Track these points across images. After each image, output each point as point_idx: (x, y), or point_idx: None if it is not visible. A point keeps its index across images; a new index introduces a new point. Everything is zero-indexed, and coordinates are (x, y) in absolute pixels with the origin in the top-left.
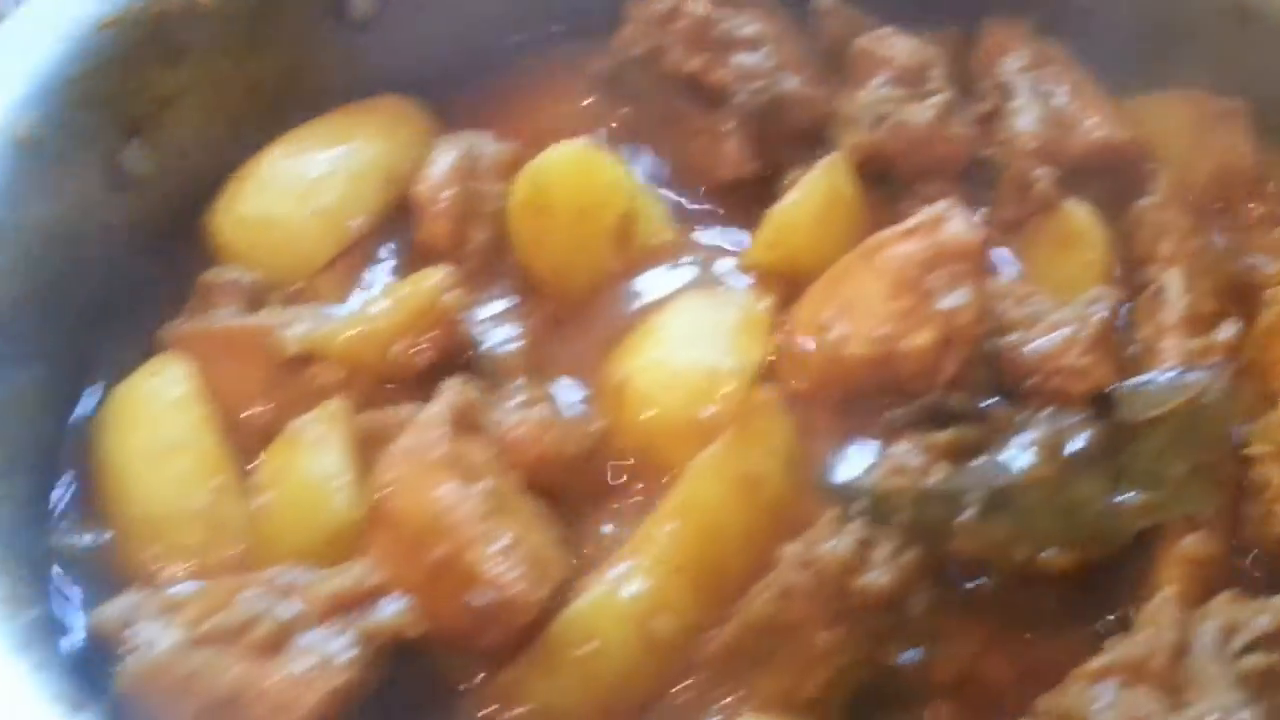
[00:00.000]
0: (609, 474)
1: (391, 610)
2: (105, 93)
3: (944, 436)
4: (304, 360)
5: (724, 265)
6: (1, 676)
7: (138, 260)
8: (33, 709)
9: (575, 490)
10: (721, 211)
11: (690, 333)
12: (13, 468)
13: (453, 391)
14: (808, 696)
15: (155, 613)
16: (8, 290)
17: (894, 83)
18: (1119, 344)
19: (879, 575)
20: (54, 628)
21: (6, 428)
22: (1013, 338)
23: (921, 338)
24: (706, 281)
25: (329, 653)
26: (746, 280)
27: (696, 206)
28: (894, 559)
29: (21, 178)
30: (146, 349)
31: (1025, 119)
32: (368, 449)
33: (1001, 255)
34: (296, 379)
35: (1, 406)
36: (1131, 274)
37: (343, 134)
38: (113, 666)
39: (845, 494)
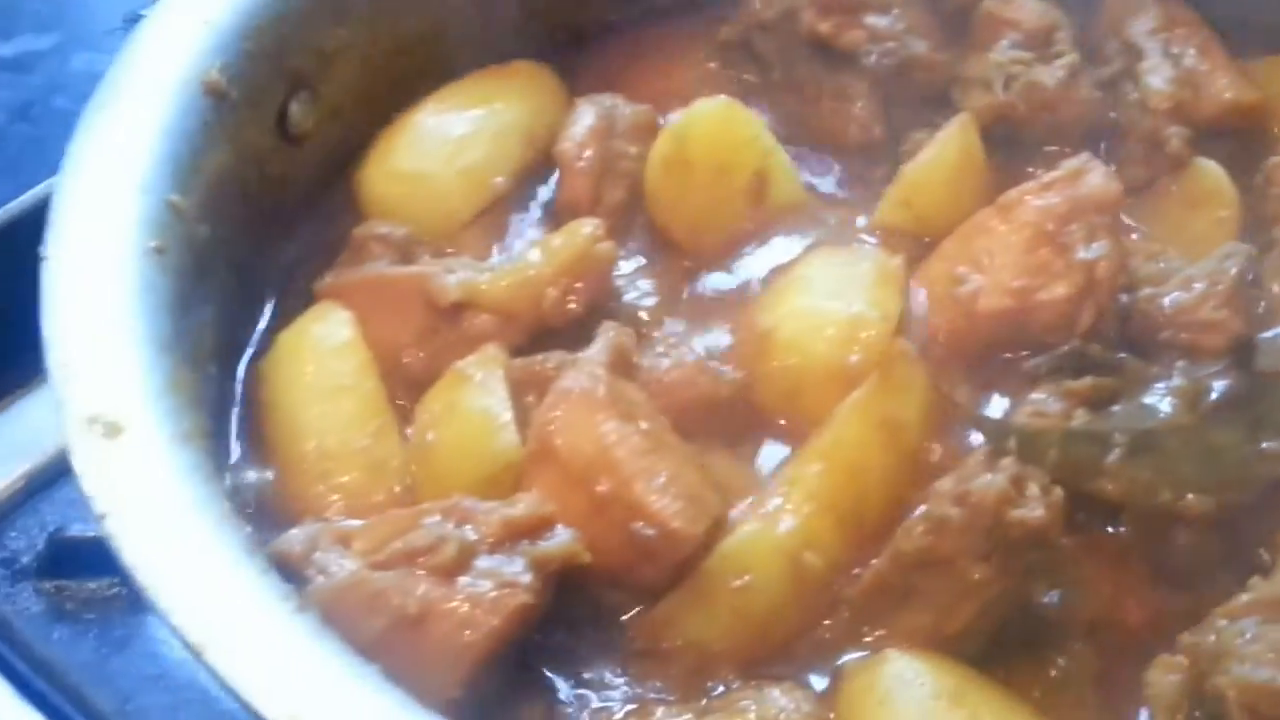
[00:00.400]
0: (752, 419)
1: (562, 538)
2: (277, 46)
3: (1082, 384)
4: (459, 308)
5: (851, 225)
6: (236, 577)
7: (295, 212)
8: (262, 606)
9: (722, 434)
10: (847, 172)
11: (831, 284)
12: (203, 402)
13: (611, 333)
14: (951, 632)
15: (331, 542)
16: (194, 233)
17: (1021, 45)
18: (1251, 299)
19: (1034, 509)
20: None
21: (199, 364)
22: (1145, 292)
23: (1060, 289)
24: (835, 240)
25: (510, 574)
26: (872, 239)
27: (822, 170)
28: (1046, 495)
29: (207, 124)
30: (304, 299)
31: (1157, 79)
32: (520, 393)
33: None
34: (451, 327)
35: (195, 342)
36: (1261, 232)
37: (484, 96)
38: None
39: (996, 431)
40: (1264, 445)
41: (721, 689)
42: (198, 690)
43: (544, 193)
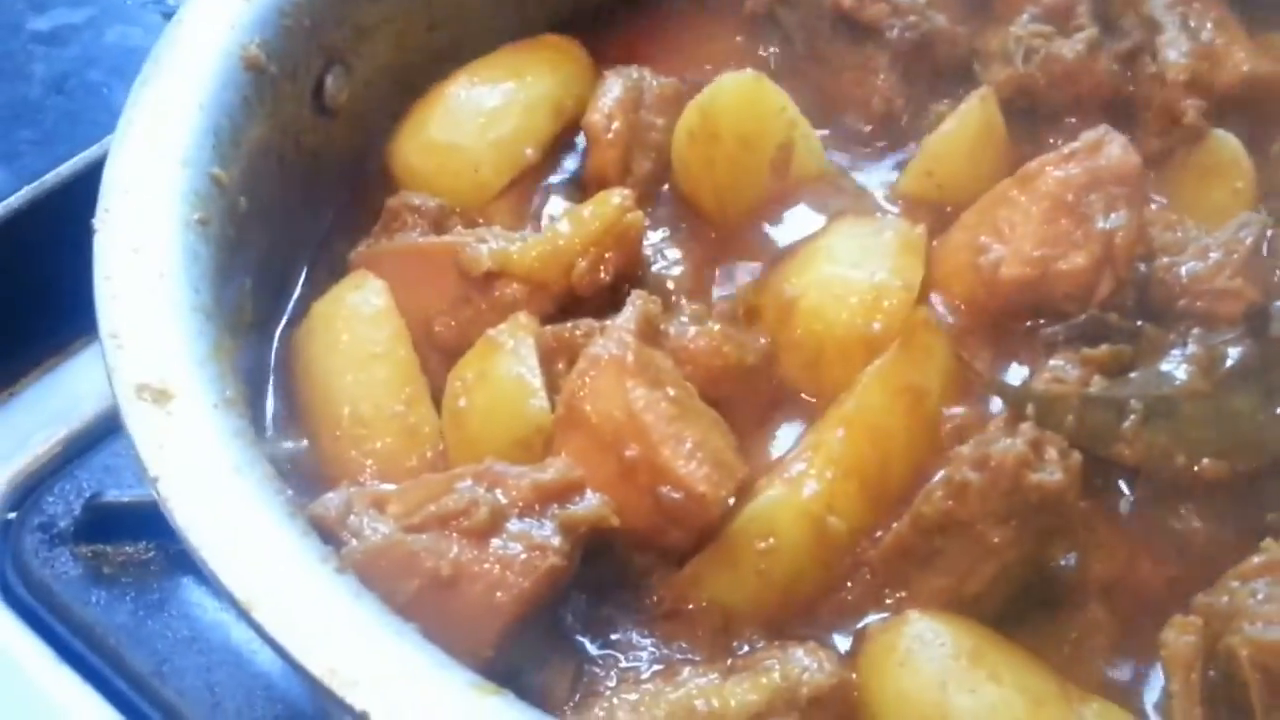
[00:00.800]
0: (777, 386)
1: (591, 502)
2: (313, 21)
3: (1100, 351)
4: (491, 278)
5: (874, 195)
6: (280, 541)
7: (329, 184)
8: (305, 567)
9: (744, 403)
10: (869, 144)
11: (854, 253)
12: (238, 373)
13: (640, 302)
14: (971, 594)
15: (366, 506)
16: (235, 205)
17: (1041, 19)
18: (1266, 268)
19: (1053, 473)
20: None
21: (240, 331)
22: (1163, 261)
23: (1079, 258)
24: (858, 210)
25: (540, 537)
26: (894, 209)
27: (845, 141)
28: (1064, 460)
29: (247, 98)
30: (339, 269)
31: (1175, 52)
32: (550, 361)
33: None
34: (483, 296)
35: (236, 310)
36: (1278, 202)
37: (514, 69)
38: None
39: (1014, 396)
40: (1278, 411)
41: (746, 649)
42: (231, 652)
43: (573, 164)
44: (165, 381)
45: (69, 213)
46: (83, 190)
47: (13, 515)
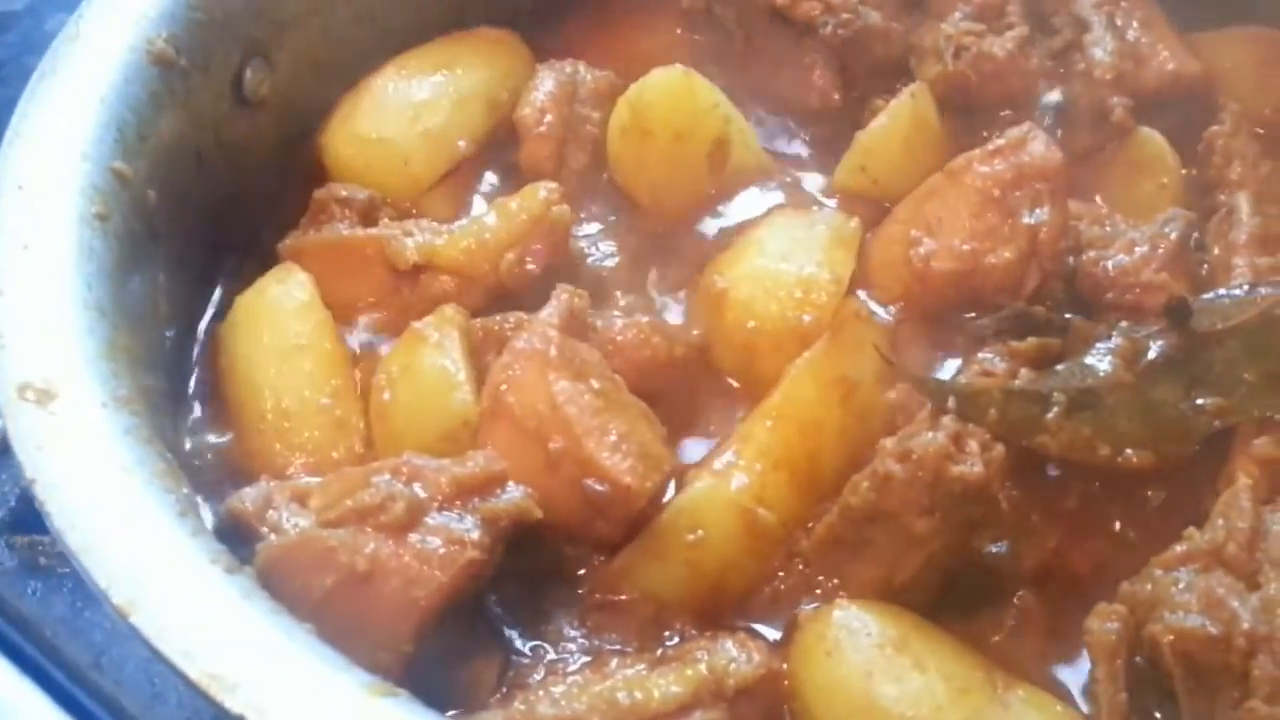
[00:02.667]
0: (706, 379)
1: (513, 495)
2: (227, 15)
3: (1028, 344)
4: (418, 270)
5: (810, 189)
6: (165, 541)
7: (256, 176)
8: (191, 569)
9: (674, 394)
10: (807, 139)
11: (786, 246)
12: (153, 365)
13: (565, 295)
14: (901, 583)
15: (286, 500)
16: (142, 199)
17: (973, 17)
18: (1191, 262)
19: (973, 465)
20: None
21: (147, 326)
22: (1091, 255)
23: (1006, 252)
24: (795, 203)
25: (459, 530)
26: (832, 203)
27: (783, 135)
28: (985, 452)
29: (156, 92)
30: (265, 260)
31: (1101, 50)
32: (480, 352)
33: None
34: (411, 288)
35: (144, 305)
36: (1202, 198)
37: (447, 61)
38: (245, 550)
39: (937, 391)
40: (1200, 401)
41: (678, 640)
42: None
43: (511, 157)
44: (49, 381)
45: None
46: None
47: None
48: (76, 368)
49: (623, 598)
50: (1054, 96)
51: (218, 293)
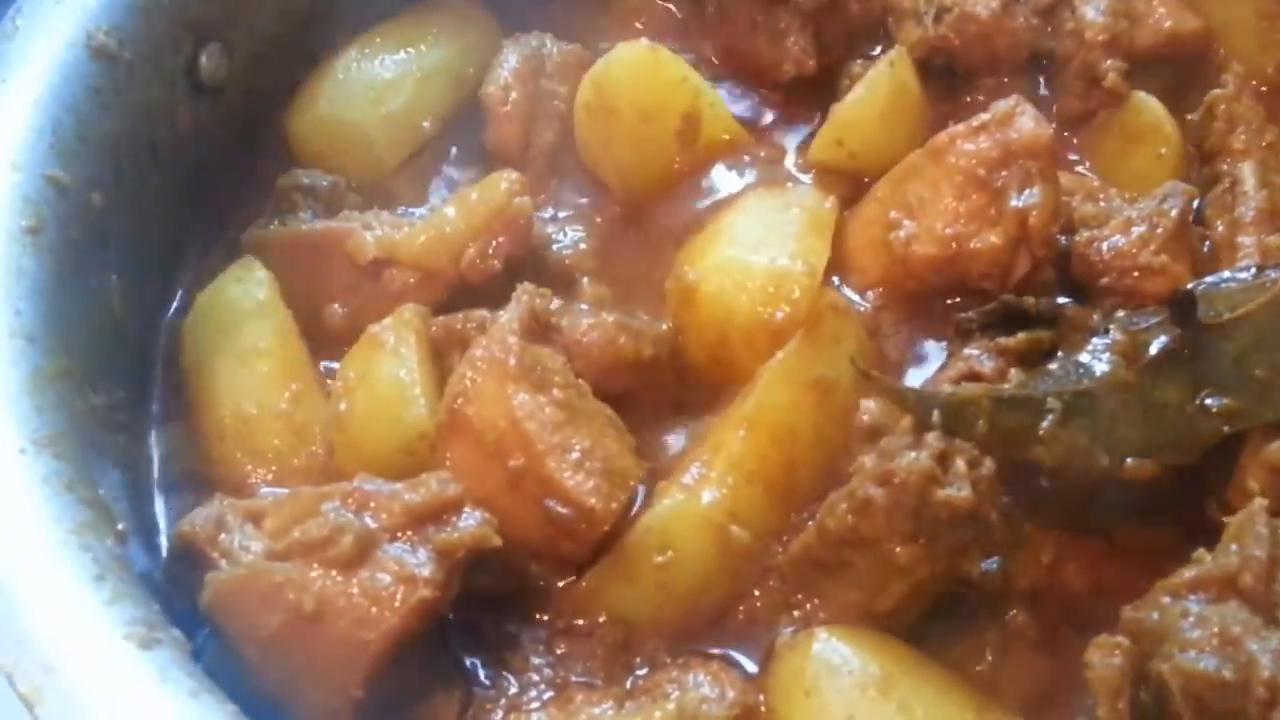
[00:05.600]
0: (678, 378)
1: (469, 523)
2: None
3: (1017, 339)
4: (379, 264)
5: (786, 163)
6: (79, 613)
7: (217, 165)
8: (103, 648)
9: (644, 395)
10: (782, 109)
11: (758, 234)
12: (103, 379)
13: (525, 297)
14: (884, 610)
15: (240, 521)
16: (85, 204)
17: None
18: (1193, 240)
19: (960, 489)
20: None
21: (95, 339)
22: (1084, 235)
23: (993, 237)
24: (770, 180)
25: (411, 566)
26: (808, 178)
27: (758, 105)
28: (973, 470)
29: (98, 88)
30: (229, 252)
31: (1093, 10)
32: (443, 353)
33: (1067, 150)
34: (372, 283)
35: (92, 313)
36: (1202, 168)
37: (410, 37)
38: (199, 578)
39: (919, 404)
40: (1207, 402)
41: (647, 669)
42: None
43: (477, 133)
44: None
45: None
46: None
47: None
48: None
49: (590, 621)
50: None
51: (180, 288)
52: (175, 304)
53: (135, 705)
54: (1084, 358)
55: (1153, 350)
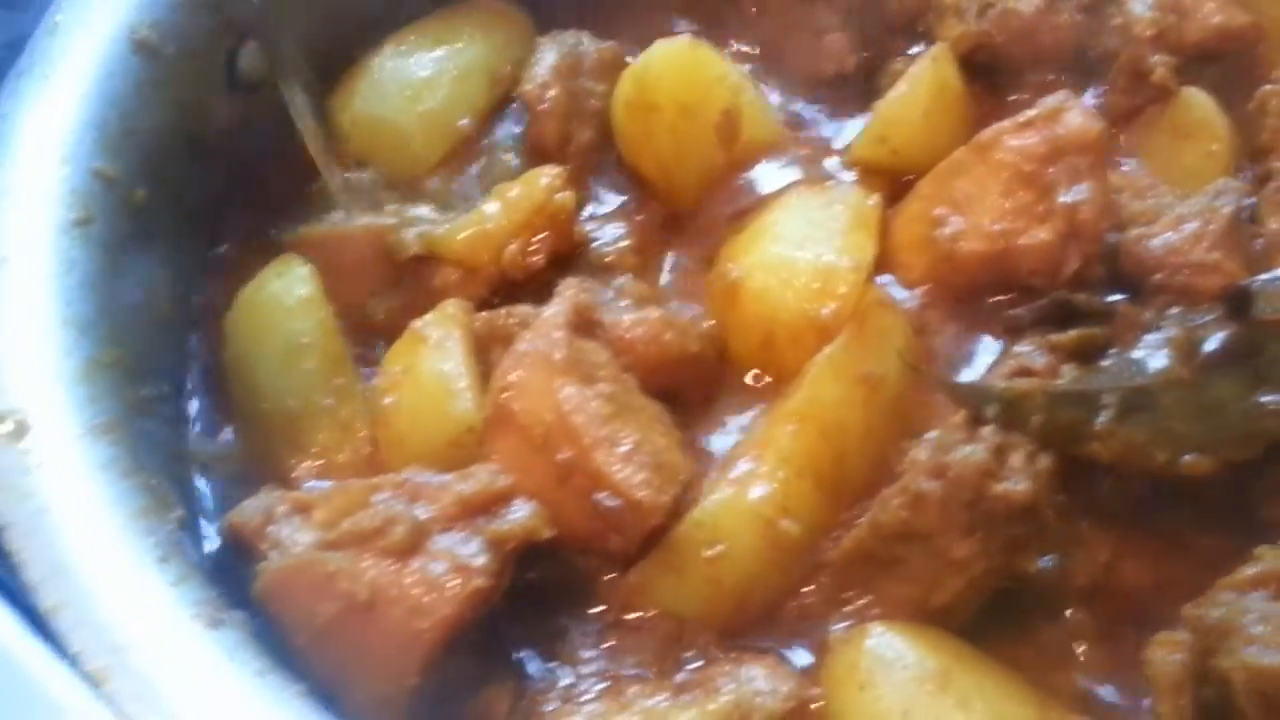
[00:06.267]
0: (723, 374)
1: (520, 514)
2: None
3: (1069, 335)
4: (420, 261)
5: (828, 161)
6: (145, 594)
7: (255, 163)
8: (171, 627)
9: (690, 391)
10: (823, 107)
11: (803, 230)
12: (150, 372)
13: (570, 292)
14: (938, 605)
15: (289, 512)
16: (130, 198)
17: None
18: (1245, 238)
19: (1017, 482)
20: (192, 532)
21: (141, 332)
22: (1134, 232)
23: (1042, 233)
24: (812, 178)
25: (464, 556)
26: (850, 176)
27: (798, 102)
28: (1031, 465)
29: (141, 83)
30: (270, 249)
31: (1140, 4)
32: (486, 348)
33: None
34: (414, 280)
35: (138, 307)
36: (1254, 165)
37: (445, 36)
38: (248, 570)
39: (974, 398)
40: (1265, 399)
41: (700, 661)
42: None
43: (514, 131)
44: (23, 411)
45: None
46: None
47: None
48: (52, 396)
49: (639, 616)
50: None
51: (221, 284)
52: (217, 300)
53: (205, 683)
54: (1138, 354)
55: (1208, 347)
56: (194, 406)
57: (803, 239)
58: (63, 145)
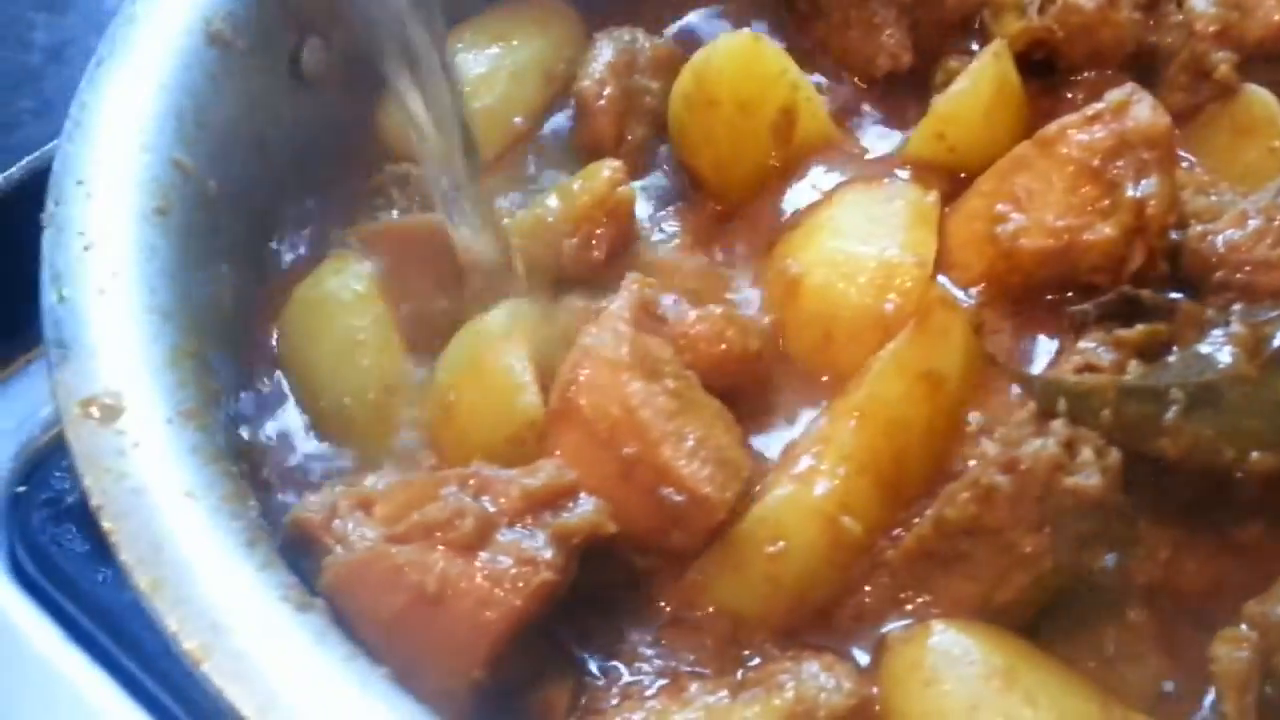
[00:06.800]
0: (780, 369)
1: (586, 509)
2: None
3: (1135, 331)
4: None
5: (883, 159)
6: (235, 577)
7: (315, 158)
8: (262, 609)
9: (748, 388)
10: (877, 105)
11: (863, 226)
12: (219, 365)
13: (634, 286)
14: (1002, 603)
15: (352, 507)
16: (203, 190)
17: None
18: None
19: (1089, 476)
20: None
21: (210, 325)
22: (1196, 229)
23: (1107, 229)
24: (867, 176)
25: (531, 549)
26: (904, 173)
27: (851, 100)
28: (1101, 459)
29: (214, 74)
30: (327, 245)
31: (1202, 1)
32: (543, 346)
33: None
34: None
35: (209, 299)
36: None
37: (500, 33)
38: (314, 563)
39: (1045, 390)
40: None
41: (758, 659)
42: None
43: (568, 129)
44: (114, 395)
45: None
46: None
47: (21, 490)
48: (141, 380)
49: (697, 613)
50: None
51: (279, 279)
52: (275, 296)
53: (299, 665)
54: (1204, 349)
55: (1275, 343)
56: (249, 400)
57: (864, 234)
58: (143, 133)
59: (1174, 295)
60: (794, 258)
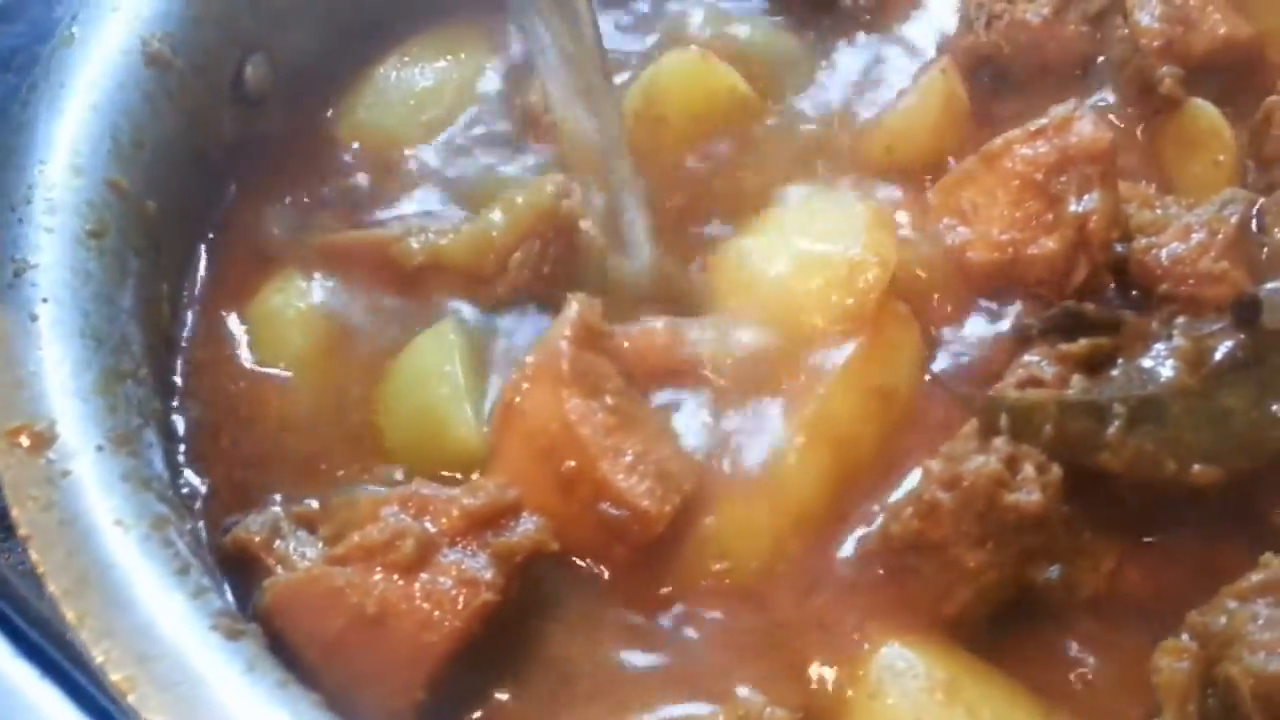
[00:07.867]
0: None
1: (527, 527)
2: (225, 10)
3: (1079, 345)
4: (424, 270)
5: (837, 170)
6: (166, 607)
7: (259, 176)
8: (192, 638)
9: (701, 397)
10: (829, 114)
11: (824, 227)
12: (160, 381)
13: (576, 304)
14: (948, 616)
15: (293, 527)
16: (140, 210)
17: None
18: (1253, 248)
19: (1029, 493)
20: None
21: (146, 347)
22: (1141, 242)
23: (1050, 243)
24: (822, 184)
25: (472, 570)
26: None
27: (804, 110)
28: (1042, 475)
29: (152, 95)
30: (272, 262)
31: (1147, 15)
32: (486, 361)
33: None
34: (418, 288)
35: (147, 320)
36: (1260, 174)
37: (449, 47)
38: (250, 580)
39: (987, 408)
40: (1274, 408)
41: None
42: None
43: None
44: (43, 424)
45: None
46: None
47: None
48: (72, 407)
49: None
50: None
51: (224, 297)
52: (214, 312)
53: (227, 693)
54: (1147, 363)
55: (1217, 356)
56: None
57: (823, 235)
58: (77, 155)
59: (1119, 310)
60: (750, 259)
